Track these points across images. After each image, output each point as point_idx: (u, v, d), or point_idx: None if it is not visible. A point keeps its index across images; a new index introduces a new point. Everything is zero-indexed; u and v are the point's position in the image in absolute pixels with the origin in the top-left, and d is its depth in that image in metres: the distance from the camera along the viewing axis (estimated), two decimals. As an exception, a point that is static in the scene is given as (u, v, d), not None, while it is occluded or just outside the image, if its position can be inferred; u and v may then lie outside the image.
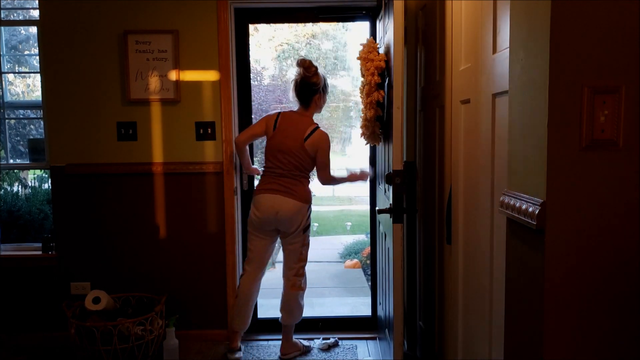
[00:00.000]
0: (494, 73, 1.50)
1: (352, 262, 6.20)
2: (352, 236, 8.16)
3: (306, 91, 2.72)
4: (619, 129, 1.01)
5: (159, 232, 3.01)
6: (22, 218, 3.58)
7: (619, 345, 1.06)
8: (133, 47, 2.87)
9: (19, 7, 3.64)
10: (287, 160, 2.68)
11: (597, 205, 1.03)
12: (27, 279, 3.03)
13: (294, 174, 2.70)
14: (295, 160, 2.69)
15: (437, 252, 2.32)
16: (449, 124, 2.06)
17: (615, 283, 1.04)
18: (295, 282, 2.79)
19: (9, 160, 3.26)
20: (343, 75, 17.45)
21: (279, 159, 2.70)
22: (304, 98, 2.74)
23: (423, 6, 2.56)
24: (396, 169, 2.06)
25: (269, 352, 2.89)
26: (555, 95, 1.01)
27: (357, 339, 3.09)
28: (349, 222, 9.68)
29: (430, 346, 2.48)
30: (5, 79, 3.41)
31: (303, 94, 2.73)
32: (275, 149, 2.71)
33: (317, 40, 16.78)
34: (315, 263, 6.66)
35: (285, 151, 2.68)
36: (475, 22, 1.69)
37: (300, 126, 2.70)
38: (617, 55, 1.00)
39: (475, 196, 1.73)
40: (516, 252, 1.20)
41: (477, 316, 1.73)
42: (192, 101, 2.93)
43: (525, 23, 1.12)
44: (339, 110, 17.65)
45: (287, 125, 2.72)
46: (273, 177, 2.71)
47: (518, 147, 1.17)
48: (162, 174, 2.96)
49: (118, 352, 2.57)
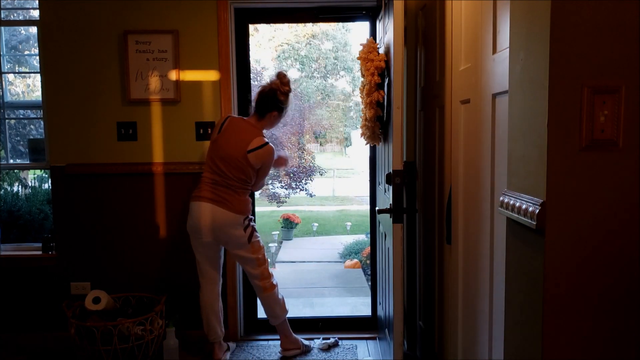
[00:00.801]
0: (494, 73, 1.50)
1: (352, 262, 6.20)
2: (352, 236, 8.17)
3: (268, 102, 2.60)
4: (619, 129, 1.01)
5: (159, 232, 3.01)
6: (22, 218, 3.58)
7: (619, 345, 1.06)
8: (133, 47, 2.87)
9: (19, 7, 3.64)
10: (226, 168, 2.54)
11: (597, 205, 1.03)
12: (27, 279, 3.03)
13: (230, 184, 2.55)
14: (235, 170, 2.53)
15: (437, 252, 2.32)
16: (449, 124, 2.06)
17: (615, 283, 1.04)
18: (264, 285, 2.71)
19: (9, 160, 3.26)
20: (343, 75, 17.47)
21: (218, 165, 2.55)
22: (263, 108, 2.61)
23: (423, 6, 2.56)
24: (396, 169, 2.06)
25: (269, 352, 2.89)
26: (555, 95, 1.01)
27: (357, 339, 3.09)
28: (349, 222, 9.68)
29: (430, 346, 2.48)
30: (5, 79, 3.41)
31: (264, 103, 2.60)
32: (215, 154, 2.56)
33: (317, 40, 16.79)
34: (315, 263, 6.67)
35: (226, 159, 2.53)
36: (475, 22, 1.69)
37: (246, 136, 2.55)
38: (617, 55, 1.00)
39: (475, 196, 1.73)
40: (516, 252, 1.20)
41: (477, 316, 1.73)
42: (192, 101, 2.93)
43: (525, 23, 1.12)
44: (339, 110, 17.67)
45: (233, 131, 2.57)
46: (210, 184, 2.57)
47: (518, 147, 1.17)
48: (162, 174, 2.96)
49: (118, 352, 2.57)
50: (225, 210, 2.54)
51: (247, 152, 2.53)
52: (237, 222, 2.58)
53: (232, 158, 2.53)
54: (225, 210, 2.54)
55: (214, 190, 2.56)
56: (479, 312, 1.70)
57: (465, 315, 1.88)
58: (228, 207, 2.55)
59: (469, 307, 1.84)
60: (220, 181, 2.56)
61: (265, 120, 2.64)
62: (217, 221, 2.55)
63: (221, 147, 2.56)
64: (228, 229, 2.58)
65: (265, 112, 2.62)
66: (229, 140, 2.56)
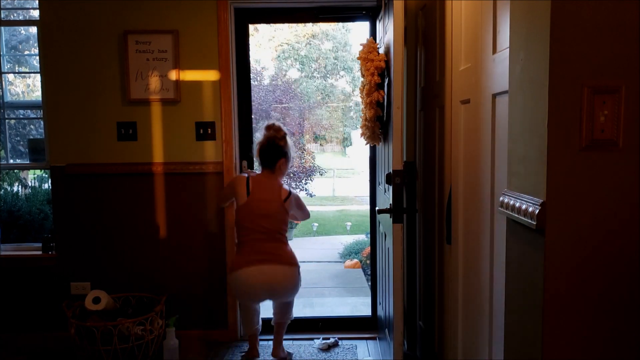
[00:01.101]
0: (494, 73, 1.50)
1: (352, 262, 6.20)
2: (352, 236, 8.17)
3: (272, 153, 2.65)
4: (619, 129, 1.01)
5: (159, 232, 3.01)
6: (22, 218, 3.58)
7: (619, 345, 1.06)
8: (133, 47, 2.87)
9: (19, 7, 3.65)
10: (270, 224, 2.57)
11: (597, 205, 1.03)
12: (27, 279, 3.03)
13: (276, 237, 2.59)
14: (277, 222, 2.59)
15: (437, 252, 2.32)
16: (449, 124, 2.06)
17: (615, 283, 1.04)
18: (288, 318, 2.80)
19: (9, 160, 3.26)
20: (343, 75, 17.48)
21: (261, 224, 2.57)
22: (269, 160, 2.66)
23: (423, 6, 2.56)
24: (396, 169, 2.06)
25: (269, 352, 2.89)
26: (555, 95, 1.01)
27: (357, 339, 3.09)
28: (349, 222, 9.68)
29: (430, 346, 2.48)
30: (5, 79, 3.41)
31: (269, 156, 2.65)
32: (255, 213, 2.58)
33: (317, 40, 16.80)
34: (315, 263, 6.67)
35: (267, 214, 2.58)
36: (475, 22, 1.69)
37: (275, 188, 2.63)
38: (617, 55, 1.00)
39: (475, 196, 1.73)
40: (516, 252, 1.20)
41: (477, 316, 1.73)
42: (192, 101, 2.93)
43: (525, 23, 1.12)
44: (339, 110, 17.68)
45: (262, 187, 2.63)
46: (256, 244, 2.56)
47: (518, 147, 1.17)
48: (162, 174, 2.96)
49: (118, 352, 2.57)
50: (284, 266, 2.56)
51: (283, 202, 2.61)
52: (296, 275, 2.60)
53: (274, 212, 2.59)
54: (284, 266, 2.56)
55: (265, 249, 2.56)
56: (479, 312, 1.70)
57: (465, 315, 1.88)
58: (285, 261, 2.57)
59: (469, 307, 1.84)
60: (266, 238, 2.57)
61: (277, 171, 2.69)
62: (278, 281, 2.55)
63: (259, 206, 2.59)
64: (290, 284, 2.59)
65: (273, 163, 2.67)
66: (265, 198, 2.61)
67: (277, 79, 13.33)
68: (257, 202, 2.60)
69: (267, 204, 2.60)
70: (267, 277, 2.53)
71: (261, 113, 10.44)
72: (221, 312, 3.03)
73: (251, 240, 2.58)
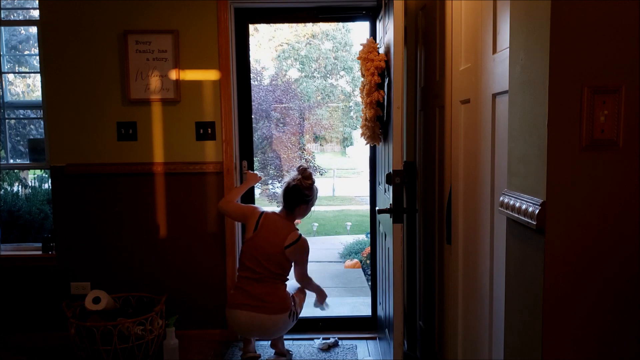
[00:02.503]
0: (494, 73, 1.50)
1: (352, 262, 6.20)
2: (352, 236, 8.16)
3: (296, 198, 2.66)
4: (619, 129, 1.01)
5: (159, 232, 3.01)
6: (22, 218, 3.58)
7: (618, 345, 1.06)
8: (133, 47, 2.87)
9: (19, 7, 3.65)
10: (266, 263, 2.57)
11: (597, 205, 1.03)
12: (27, 279, 3.03)
13: (271, 278, 2.58)
14: (274, 265, 2.58)
15: (437, 252, 2.32)
16: (449, 124, 2.06)
17: (615, 283, 1.04)
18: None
19: (9, 160, 3.26)
20: (343, 75, 17.48)
21: (259, 262, 2.57)
22: (291, 204, 2.66)
23: (423, 6, 2.56)
24: (396, 169, 2.06)
25: (269, 352, 2.89)
26: (555, 95, 1.01)
27: (357, 339, 3.09)
28: (349, 222, 9.68)
29: (430, 346, 2.48)
30: (5, 79, 3.41)
31: (292, 199, 2.66)
32: (254, 252, 2.59)
33: (317, 40, 16.81)
34: (315, 263, 6.66)
35: (265, 256, 2.57)
36: (475, 22, 1.69)
37: (282, 231, 2.61)
38: (617, 55, 1.00)
39: (475, 196, 1.73)
40: (516, 252, 1.20)
41: (477, 316, 1.73)
42: (192, 101, 2.93)
43: (525, 23, 1.12)
44: (339, 110, 17.68)
45: (269, 227, 2.62)
46: (248, 282, 2.57)
47: (518, 147, 1.17)
48: (162, 174, 2.96)
49: (118, 352, 2.57)
50: (271, 315, 2.55)
51: (284, 248, 2.58)
52: (283, 320, 2.59)
53: (272, 255, 2.57)
54: (271, 315, 2.55)
55: (252, 294, 2.55)
56: (479, 312, 1.70)
57: (465, 315, 1.88)
58: (271, 310, 2.55)
59: (469, 307, 1.84)
60: (259, 279, 2.57)
61: (295, 214, 2.70)
62: (265, 328, 2.58)
63: (260, 245, 2.59)
64: (276, 330, 2.63)
65: (294, 207, 2.67)
66: (268, 239, 2.60)
67: (277, 79, 13.33)
68: (260, 240, 2.60)
69: (267, 245, 2.58)
70: (254, 325, 2.56)
71: (261, 113, 10.44)
72: (221, 312, 3.03)
73: (244, 278, 2.60)
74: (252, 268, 2.58)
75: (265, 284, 2.57)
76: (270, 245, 2.58)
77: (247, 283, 2.58)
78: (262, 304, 2.54)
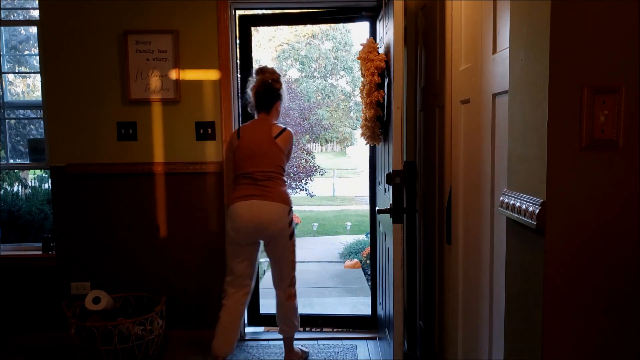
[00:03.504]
0: (494, 73, 1.50)
1: (352, 262, 6.20)
2: (352, 236, 8.17)
3: (269, 96, 2.61)
4: (619, 129, 1.01)
5: (159, 232, 3.01)
6: (22, 218, 3.58)
7: (619, 345, 1.06)
8: (133, 47, 2.87)
9: (19, 7, 3.65)
10: (262, 160, 2.53)
11: (597, 205, 1.03)
12: (27, 279, 3.03)
13: (270, 175, 2.53)
14: (270, 159, 2.53)
15: (437, 252, 2.32)
16: (449, 124, 2.06)
17: (615, 283, 1.04)
18: (291, 292, 2.64)
19: (9, 160, 3.26)
20: (343, 75, 17.50)
21: (252, 162, 2.53)
22: (266, 103, 2.61)
23: (423, 6, 2.56)
24: (396, 169, 2.06)
25: (269, 352, 2.89)
26: (555, 95, 1.01)
27: (357, 339, 3.09)
28: (349, 222, 9.68)
29: (430, 346, 2.48)
30: (5, 79, 3.41)
31: (265, 99, 2.61)
32: (246, 153, 2.55)
33: (317, 40, 16.82)
34: (315, 263, 6.66)
35: (258, 154, 2.53)
36: (475, 22, 1.69)
37: (266, 128, 2.58)
38: (617, 55, 1.00)
39: (475, 196, 1.73)
40: (516, 252, 1.20)
41: (477, 316, 1.73)
42: (192, 101, 2.93)
43: (525, 23, 1.12)
44: (338, 110, 17.68)
45: (252, 130, 2.60)
46: (248, 183, 2.52)
47: (518, 147, 1.17)
48: (162, 174, 2.96)
49: (118, 352, 2.57)
50: (271, 202, 2.49)
51: (274, 138, 2.55)
52: (284, 213, 2.51)
53: (263, 150, 2.54)
54: (271, 202, 2.49)
55: (254, 187, 2.51)
56: (479, 312, 1.70)
57: (465, 315, 1.88)
58: (273, 198, 2.49)
59: (469, 307, 1.84)
60: (258, 177, 2.52)
61: (272, 113, 2.66)
62: (265, 215, 2.48)
63: (248, 146, 2.56)
64: (277, 220, 2.51)
65: (270, 106, 2.63)
66: (254, 138, 2.57)
67: (277, 79, 13.32)
68: (247, 142, 2.56)
69: (256, 143, 2.55)
70: (254, 210, 2.47)
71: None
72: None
73: (243, 181, 2.54)
74: (250, 170, 2.53)
75: (263, 182, 2.52)
76: (258, 142, 2.55)
77: (247, 184, 2.53)
78: (264, 193, 2.49)
